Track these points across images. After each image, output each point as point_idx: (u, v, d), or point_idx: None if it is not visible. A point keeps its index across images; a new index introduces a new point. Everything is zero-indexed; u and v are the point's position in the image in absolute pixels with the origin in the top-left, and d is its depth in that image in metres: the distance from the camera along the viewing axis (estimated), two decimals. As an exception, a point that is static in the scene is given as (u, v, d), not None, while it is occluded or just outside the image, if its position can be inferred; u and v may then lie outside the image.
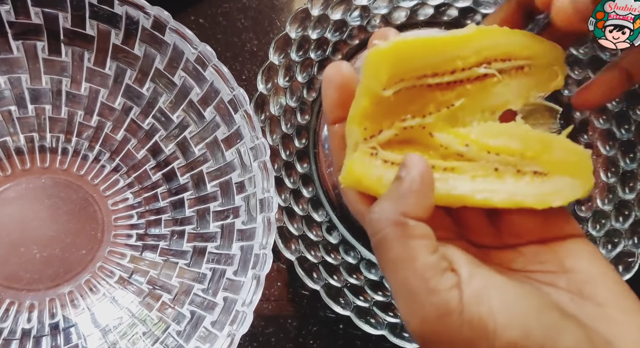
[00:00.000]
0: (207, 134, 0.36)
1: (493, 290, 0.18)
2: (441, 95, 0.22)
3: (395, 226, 0.18)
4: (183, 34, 0.32)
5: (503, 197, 0.20)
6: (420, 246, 0.18)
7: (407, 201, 0.18)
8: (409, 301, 0.18)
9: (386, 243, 0.18)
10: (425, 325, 0.17)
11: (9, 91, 0.35)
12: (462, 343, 0.17)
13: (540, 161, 0.21)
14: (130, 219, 0.37)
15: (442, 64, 0.21)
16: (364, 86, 0.21)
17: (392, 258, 0.18)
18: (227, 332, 0.32)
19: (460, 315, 0.17)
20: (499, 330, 0.17)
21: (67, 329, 0.34)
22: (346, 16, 0.40)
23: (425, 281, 0.17)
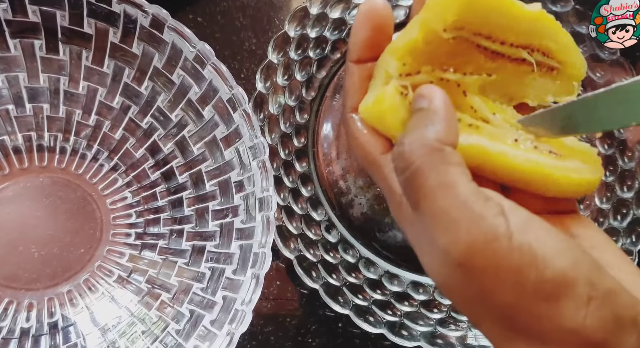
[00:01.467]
0: (205, 133, 0.35)
1: (537, 223, 0.17)
2: (484, 61, 0.21)
3: (433, 153, 0.17)
4: (181, 33, 0.32)
5: (525, 161, 0.20)
6: (460, 173, 0.17)
7: (439, 127, 0.18)
8: (453, 227, 0.17)
9: (422, 173, 0.17)
10: (473, 250, 0.16)
11: (6, 90, 0.35)
12: (510, 270, 0.16)
13: (555, 145, 0.21)
14: (129, 218, 0.37)
15: (500, 29, 0.21)
16: (424, 19, 0.20)
17: (432, 186, 0.17)
18: (226, 330, 0.32)
19: (509, 240, 0.16)
20: (548, 258, 0.16)
21: (66, 328, 0.34)
22: (345, 15, 0.40)
23: (470, 206, 0.17)
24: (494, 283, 0.16)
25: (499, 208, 0.17)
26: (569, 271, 0.16)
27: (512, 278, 0.16)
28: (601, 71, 0.39)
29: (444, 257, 0.17)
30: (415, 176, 0.18)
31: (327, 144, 0.40)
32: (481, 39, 0.21)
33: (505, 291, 0.16)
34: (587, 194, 0.22)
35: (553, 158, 0.21)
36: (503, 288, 0.16)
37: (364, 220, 0.39)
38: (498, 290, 0.17)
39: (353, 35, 0.21)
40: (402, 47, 0.20)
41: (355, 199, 0.40)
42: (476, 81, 0.22)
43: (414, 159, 0.18)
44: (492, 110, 0.22)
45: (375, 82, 0.21)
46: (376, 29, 0.21)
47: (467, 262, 0.17)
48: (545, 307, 0.16)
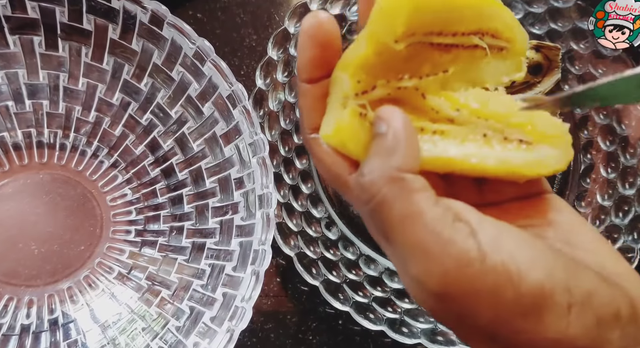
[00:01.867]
0: (205, 129, 0.35)
1: (506, 235, 0.17)
2: (439, 56, 0.21)
3: (393, 183, 0.17)
4: (181, 29, 0.32)
5: (494, 162, 0.20)
6: (424, 199, 0.17)
7: (398, 155, 0.17)
8: (424, 258, 0.16)
9: (387, 203, 0.17)
10: (447, 279, 0.16)
11: (6, 86, 0.35)
12: (487, 293, 0.16)
13: (525, 130, 0.21)
14: (129, 215, 0.37)
15: (450, 22, 0.20)
16: (372, 32, 0.19)
17: (397, 218, 0.17)
18: (226, 327, 0.32)
19: (482, 263, 0.16)
20: (522, 272, 0.16)
21: (66, 325, 0.34)
22: (345, 11, 0.39)
23: (439, 234, 0.16)
24: (472, 307, 0.16)
25: (468, 229, 0.17)
26: (545, 282, 0.16)
27: (489, 300, 0.16)
28: (603, 67, 0.39)
29: (419, 287, 0.17)
30: (379, 208, 0.17)
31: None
32: (433, 37, 0.20)
33: (485, 313, 0.16)
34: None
35: (524, 151, 0.21)
36: (482, 311, 0.16)
37: (364, 216, 0.39)
38: (478, 313, 0.16)
39: (300, 54, 0.20)
40: (354, 63, 0.19)
41: (355, 196, 0.39)
42: (434, 80, 0.21)
43: (375, 191, 0.17)
44: (454, 106, 0.21)
45: (332, 101, 0.20)
46: (323, 46, 0.20)
47: (442, 291, 0.16)
48: (525, 322, 0.16)
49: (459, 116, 0.21)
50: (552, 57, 0.40)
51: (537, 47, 0.39)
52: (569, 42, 0.40)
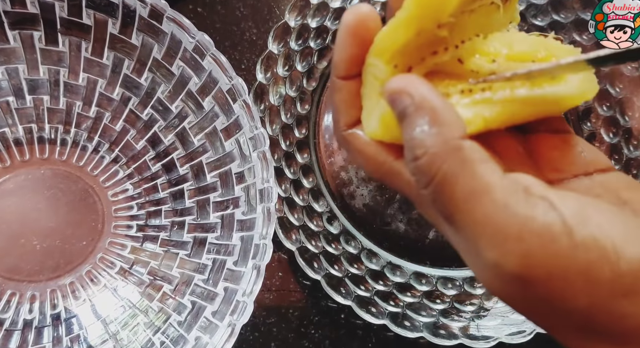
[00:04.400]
0: (206, 124, 0.35)
1: (592, 208, 0.15)
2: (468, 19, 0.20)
3: (453, 156, 0.15)
4: (180, 23, 0.32)
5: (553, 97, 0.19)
6: (489, 171, 0.15)
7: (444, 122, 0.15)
8: (498, 239, 0.14)
9: (449, 181, 0.15)
10: (530, 259, 0.14)
11: (6, 82, 0.35)
12: (579, 272, 0.14)
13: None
14: (131, 210, 0.37)
15: None
16: (413, 16, 0.18)
17: (463, 196, 0.15)
18: (227, 322, 0.32)
19: (570, 237, 0.14)
20: (619, 248, 0.14)
21: (69, 320, 0.34)
22: (346, 4, 0.39)
23: (513, 210, 0.14)
24: (563, 290, 0.14)
25: (546, 202, 0.15)
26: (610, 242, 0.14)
27: (583, 281, 0.14)
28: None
29: (496, 271, 0.15)
30: (441, 189, 0.15)
31: (328, 135, 0.40)
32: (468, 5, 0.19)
33: (578, 296, 0.14)
34: None
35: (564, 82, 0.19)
36: (574, 293, 0.14)
37: (366, 211, 0.39)
38: (569, 296, 0.14)
39: (337, 50, 0.19)
40: (391, 49, 0.18)
41: (357, 191, 0.39)
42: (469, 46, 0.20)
43: (435, 170, 0.15)
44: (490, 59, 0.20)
45: (368, 91, 0.20)
46: (364, 44, 0.18)
47: (525, 274, 0.14)
48: (627, 303, 0.14)
49: (498, 67, 0.20)
50: (554, 49, 0.39)
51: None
52: (572, 33, 0.40)
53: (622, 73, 0.38)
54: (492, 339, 0.35)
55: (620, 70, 0.38)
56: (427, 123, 0.16)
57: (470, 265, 0.16)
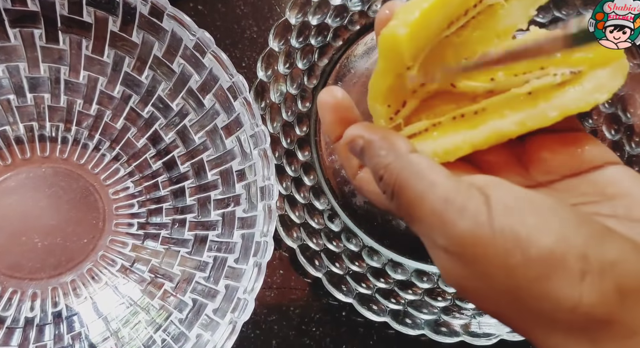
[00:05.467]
0: (206, 122, 0.35)
1: (524, 202, 0.17)
2: (457, 37, 0.21)
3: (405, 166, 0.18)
4: (181, 21, 0.32)
5: (555, 113, 0.19)
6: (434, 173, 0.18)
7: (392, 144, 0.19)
8: (443, 226, 0.17)
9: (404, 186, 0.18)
10: (463, 242, 0.17)
11: (7, 80, 0.35)
12: (497, 256, 0.16)
13: (571, 61, 0.20)
14: (131, 208, 0.37)
15: (457, 11, 0.20)
16: (385, 68, 0.20)
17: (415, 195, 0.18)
18: (228, 319, 0.32)
19: (491, 227, 0.16)
20: (532, 236, 0.16)
21: (70, 318, 0.34)
22: (347, 1, 0.39)
23: (452, 201, 0.17)
24: (488, 270, 0.17)
25: (481, 197, 0.17)
26: (555, 247, 0.16)
27: (501, 262, 0.16)
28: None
29: (446, 254, 0.18)
30: (399, 194, 0.18)
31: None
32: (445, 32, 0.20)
33: (501, 276, 0.16)
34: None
35: (577, 87, 0.19)
36: (499, 273, 0.16)
37: (367, 208, 0.39)
38: (495, 275, 0.16)
39: (323, 123, 0.24)
40: (380, 93, 0.21)
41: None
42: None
43: (392, 181, 0.19)
44: (487, 77, 0.21)
45: None
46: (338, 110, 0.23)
47: (461, 252, 0.17)
48: (539, 286, 0.16)
49: (497, 84, 0.20)
50: (556, 46, 0.39)
51: (540, 36, 0.39)
52: (573, 30, 0.40)
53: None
54: (494, 336, 0.35)
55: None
56: (380, 149, 0.19)
57: (433, 259, 0.19)
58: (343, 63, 0.40)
